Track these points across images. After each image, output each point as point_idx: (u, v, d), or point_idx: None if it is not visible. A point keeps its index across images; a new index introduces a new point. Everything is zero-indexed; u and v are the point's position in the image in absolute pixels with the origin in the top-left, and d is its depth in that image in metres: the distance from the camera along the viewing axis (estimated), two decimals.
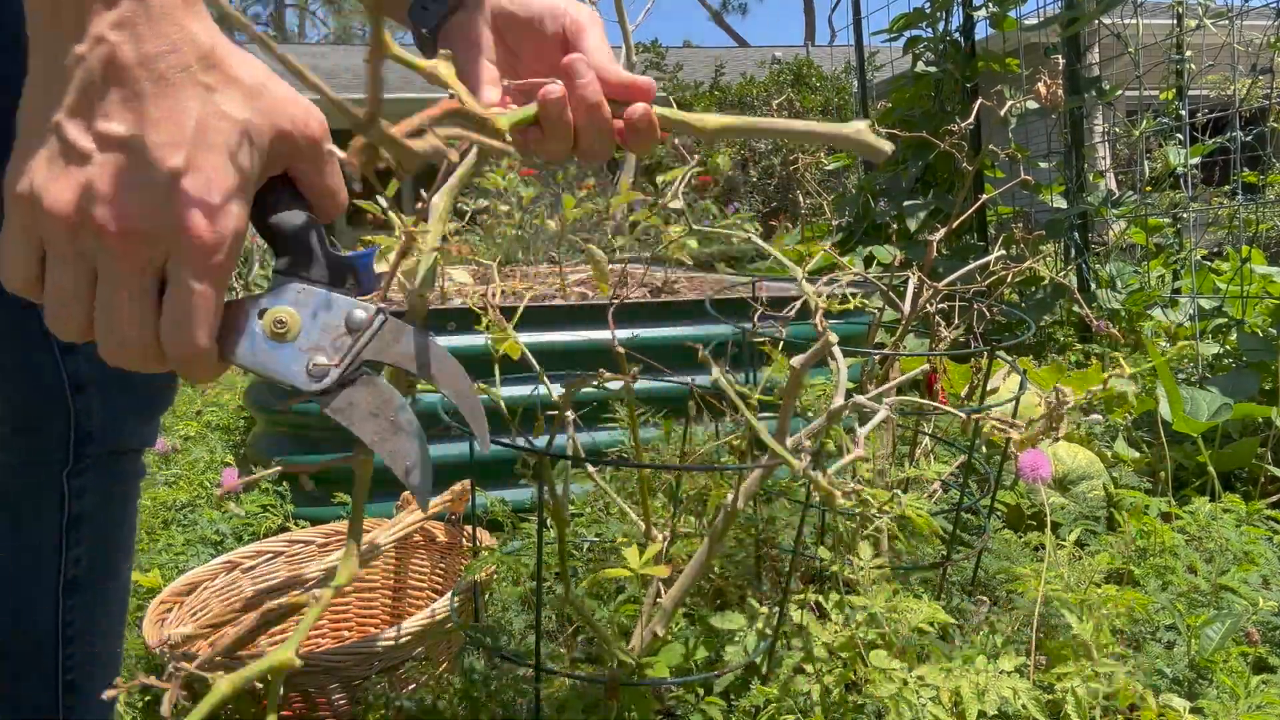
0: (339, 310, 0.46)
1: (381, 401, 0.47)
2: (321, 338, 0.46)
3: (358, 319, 0.46)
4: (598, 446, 1.67)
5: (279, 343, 0.45)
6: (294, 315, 0.45)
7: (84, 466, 0.71)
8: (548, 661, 1.03)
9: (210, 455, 2.17)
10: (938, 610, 1.00)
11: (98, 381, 0.70)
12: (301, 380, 0.45)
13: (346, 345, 0.46)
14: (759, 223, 8.07)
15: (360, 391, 0.47)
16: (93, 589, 0.74)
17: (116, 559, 0.77)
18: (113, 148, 0.39)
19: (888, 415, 0.87)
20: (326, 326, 0.46)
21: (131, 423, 0.75)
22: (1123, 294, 3.02)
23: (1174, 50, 3.07)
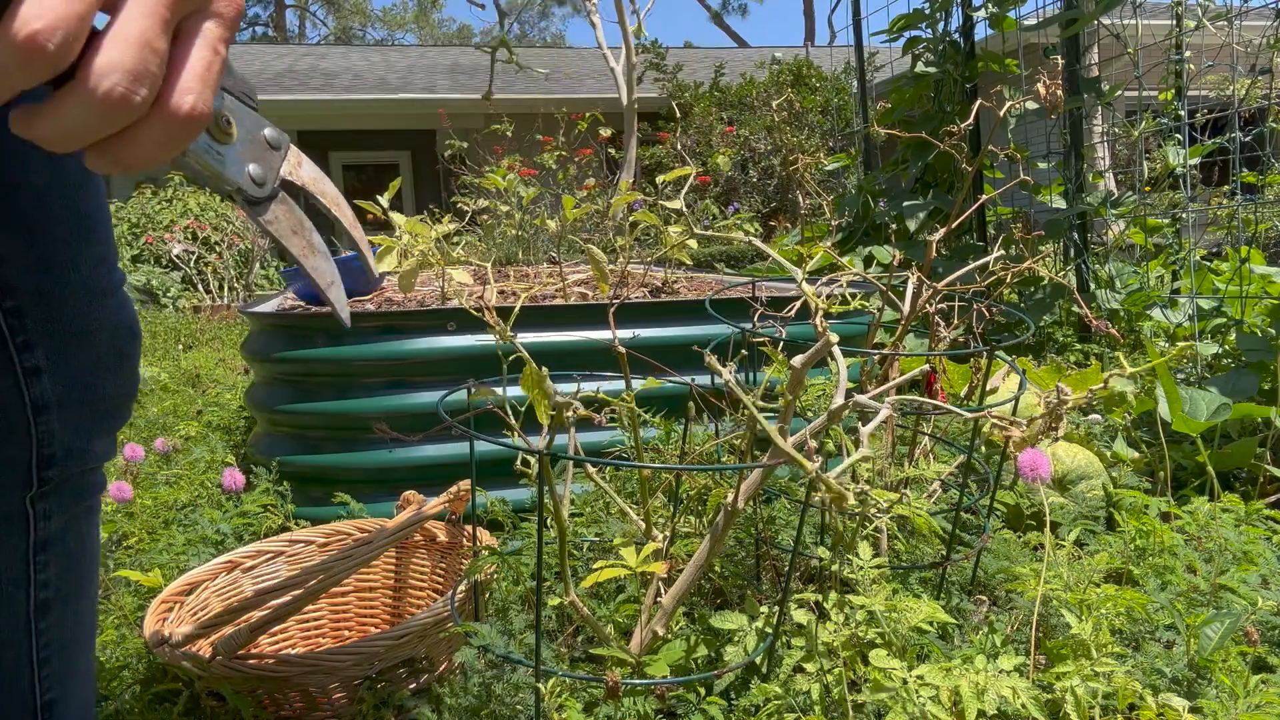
0: (258, 124, 0.47)
1: (298, 221, 0.49)
2: (253, 148, 0.46)
3: (272, 137, 0.47)
4: (598, 446, 1.68)
5: (222, 144, 0.45)
6: (233, 121, 0.45)
7: (48, 490, 0.70)
8: (548, 661, 1.03)
9: (211, 455, 2.17)
10: (937, 610, 1.00)
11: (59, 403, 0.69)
12: (247, 183, 0.46)
13: (271, 161, 0.47)
14: (759, 223, 8.07)
15: (281, 208, 0.48)
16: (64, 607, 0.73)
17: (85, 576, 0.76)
18: None
19: (889, 415, 0.88)
20: (254, 139, 0.47)
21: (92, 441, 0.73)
22: (1122, 294, 3.03)
23: (1173, 51, 3.07)
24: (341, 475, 1.77)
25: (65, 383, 0.69)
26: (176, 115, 0.39)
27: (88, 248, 0.70)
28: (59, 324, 0.68)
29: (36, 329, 0.67)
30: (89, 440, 0.72)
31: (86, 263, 0.70)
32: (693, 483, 1.31)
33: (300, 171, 0.49)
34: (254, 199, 0.47)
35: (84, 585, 0.76)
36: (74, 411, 0.70)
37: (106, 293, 0.72)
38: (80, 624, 0.75)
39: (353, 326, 1.77)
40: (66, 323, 0.69)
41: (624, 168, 8.07)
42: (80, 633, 0.76)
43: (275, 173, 0.47)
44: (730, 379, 0.89)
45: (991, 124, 1.93)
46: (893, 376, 1.43)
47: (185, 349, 5.02)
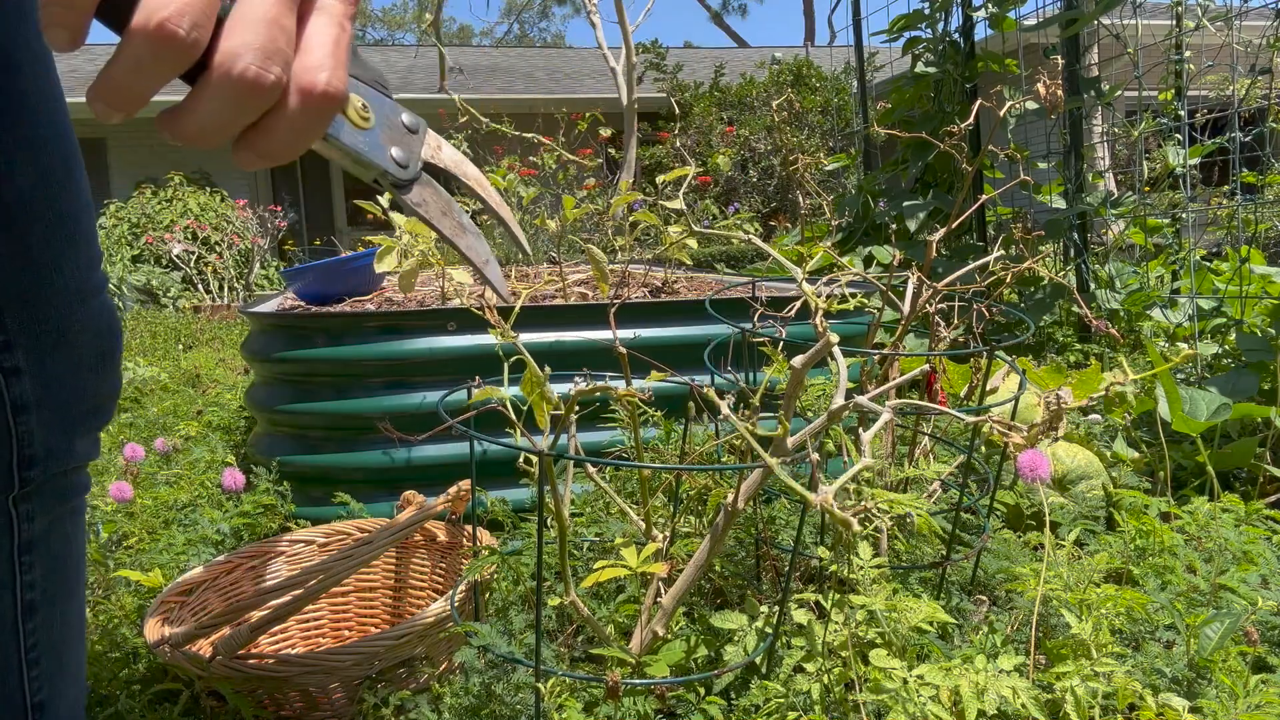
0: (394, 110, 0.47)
1: (445, 203, 0.49)
2: (392, 133, 0.46)
3: (409, 122, 0.48)
4: (599, 446, 1.68)
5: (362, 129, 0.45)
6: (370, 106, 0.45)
7: (30, 491, 0.70)
8: (548, 661, 1.03)
9: (211, 455, 2.17)
10: (937, 610, 1.00)
11: (39, 404, 0.68)
12: (391, 165, 0.46)
13: (410, 144, 0.47)
14: (759, 223, 8.07)
15: (428, 191, 0.48)
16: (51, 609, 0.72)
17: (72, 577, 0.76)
18: None
19: (890, 418, 0.88)
20: (392, 123, 0.47)
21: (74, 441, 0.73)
22: (1122, 294, 3.03)
23: (1173, 51, 3.07)
24: (341, 475, 1.77)
25: (46, 383, 0.69)
26: (312, 94, 0.38)
27: (70, 249, 0.70)
28: (40, 324, 0.68)
29: (17, 329, 0.67)
30: (71, 440, 0.72)
31: (69, 264, 0.70)
32: (693, 483, 1.31)
33: (441, 154, 0.49)
34: (399, 182, 0.47)
35: (71, 586, 0.75)
36: (55, 412, 0.70)
37: (89, 294, 0.72)
38: (68, 625, 0.75)
39: (353, 327, 1.77)
40: (48, 323, 0.68)
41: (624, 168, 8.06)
42: (69, 634, 0.75)
43: (417, 156, 0.47)
44: (731, 415, 0.89)
45: (991, 124, 1.93)
46: (893, 376, 1.43)
47: (185, 349, 5.02)
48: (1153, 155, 3.87)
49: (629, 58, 8.83)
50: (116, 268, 7.39)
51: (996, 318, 1.53)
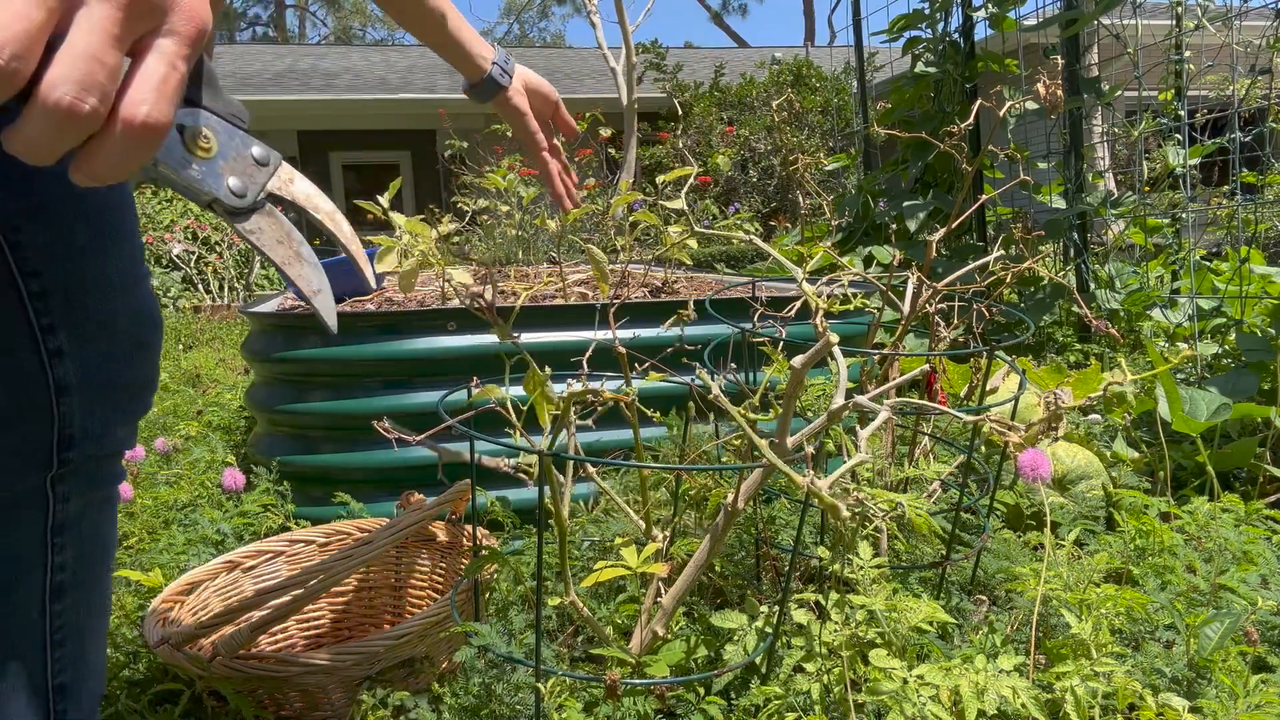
0: (244, 144, 0.51)
1: (284, 232, 0.53)
2: (235, 163, 0.50)
3: (259, 154, 0.51)
4: (601, 446, 1.68)
5: (201, 158, 0.49)
6: (212, 138, 0.49)
7: (67, 472, 0.71)
8: (548, 661, 1.03)
9: (211, 455, 2.17)
10: (937, 609, 1.00)
11: (81, 386, 0.71)
12: (224, 194, 0.49)
13: (256, 176, 0.51)
14: (759, 223, 8.07)
15: (265, 220, 0.52)
16: (78, 593, 0.74)
17: (100, 563, 0.78)
18: None
19: (888, 417, 0.88)
20: (239, 155, 0.50)
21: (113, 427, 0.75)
22: (1122, 294, 3.03)
23: (1173, 51, 3.07)
24: (341, 475, 1.77)
25: (86, 367, 0.71)
26: (131, 124, 0.41)
27: (113, 240, 0.73)
28: (82, 310, 0.70)
29: (61, 313, 0.69)
30: (107, 426, 0.74)
31: (112, 254, 0.73)
32: (693, 483, 1.31)
33: (292, 187, 0.53)
34: (233, 209, 0.50)
35: (98, 574, 0.77)
36: (94, 396, 0.72)
37: (131, 285, 0.75)
38: (92, 614, 0.77)
39: (353, 326, 1.77)
40: (89, 309, 0.71)
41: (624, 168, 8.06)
42: (93, 623, 0.77)
43: (259, 187, 0.51)
44: (721, 396, 0.89)
45: (991, 124, 1.93)
46: (893, 376, 1.43)
47: (185, 349, 5.02)
48: (1153, 155, 3.87)
49: (629, 58, 8.83)
50: None
51: (996, 318, 1.53)
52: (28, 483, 0.69)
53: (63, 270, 0.69)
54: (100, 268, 0.71)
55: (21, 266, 0.66)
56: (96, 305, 0.71)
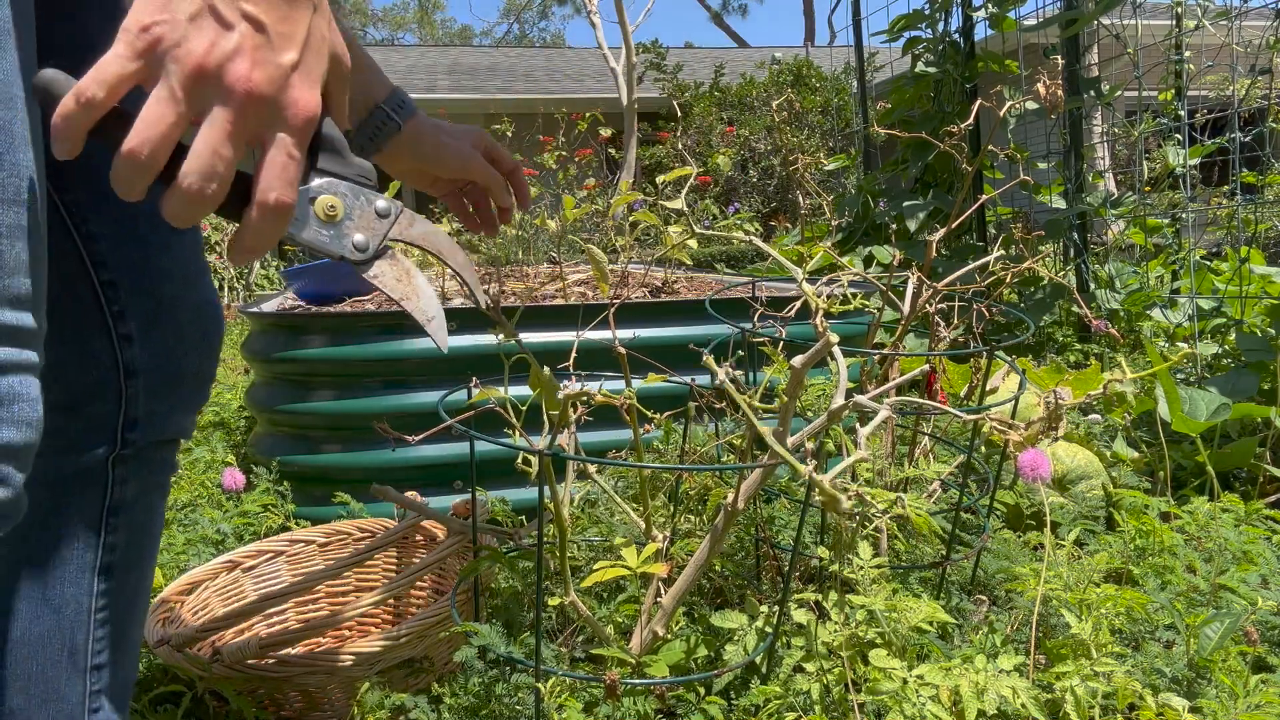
0: (369, 201, 0.59)
1: (403, 271, 0.62)
2: (360, 221, 0.59)
3: (382, 208, 0.60)
4: (599, 446, 1.68)
5: (329, 223, 0.58)
6: (339, 204, 0.58)
7: (128, 454, 0.75)
8: (548, 661, 1.03)
9: (211, 455, 2.17)
10: (937, 609, 1.00)
11: (148, 370, 0.75)
12: (350, 253, 0.59)
13: (378, 228, 0.59)
14: (759, 223, 8.07)
15: (386, 264, 0.61)
16: (124, 575, 0.77)
17: (148, 549, 0.80)
18: (254, 28, 0.48)
19: (888, 415, 0.88)
20: (363, 213, 0.59)
21: (175, 413, 0.79)
22: (1122, 294, 3.03)
23: (1173, 51, 3.07)
24: (341, 475, 1.77)
25: (153, 353, 0.76)
26: (265, 207, 0.51)
27: (175, 233, 0.77)
28: (149, 299, 0.75)
29: (129, 301, 0.74)
30: (169, 411, 0.78)
31: (175, 246, 0.77)
32: (693, 483, 1.31)
33: (411, 230, 0.62)
34: (357, 262, 0.60)
35: (145, 560, 0.80)
36: (159, 381, 0.76)
37: (193, 276, 0.79)
38: (135, 601, 0.79)
39: (353, 327, 1.77)
40: (156, 298, 0.75)
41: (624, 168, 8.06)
42: (134, 609, 0.79)
43: (381, 238, 0.60)
44: (726, 381, 0.89)
45: (991, 124, 1.93)
46: (893, 376, 1.43)
47: None
48: (1153, 155, 3.87)
49: (629, 58, 8.83)
50: None
51: (996, 318, 1.53)
52: (92, 458, 0.73)
53: (129, 260, 0.73)
54: (162, 258, 0.76)
55: (93, 257, 0.72)
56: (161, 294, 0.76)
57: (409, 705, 1.04)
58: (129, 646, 0.79)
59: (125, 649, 0.78)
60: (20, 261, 0.53)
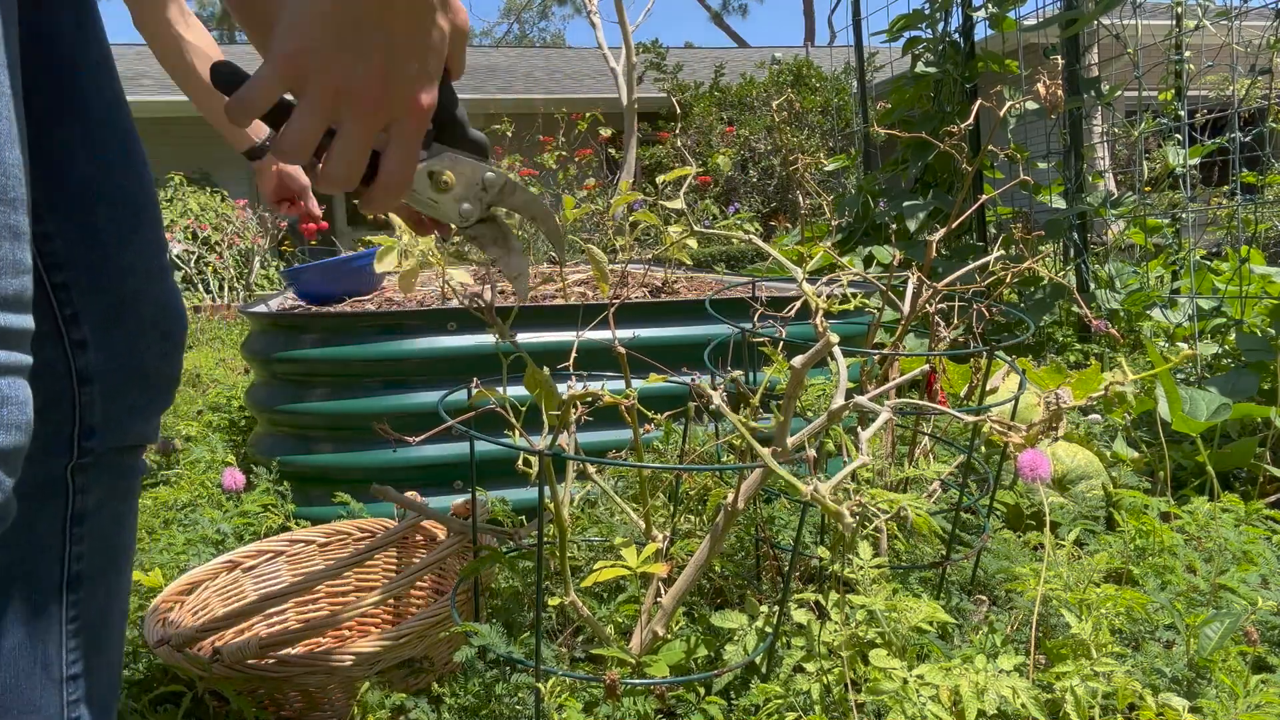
0: (479, 173, 0.67)
1: (500, 233, 0.70)
2: (467, 191, 0.66)
3: (490, 179, 0.67)
4: (599, 446, 1.68)
5: (443, 193, 0.65)
6: (452, 176, 0.65)
7: (87, 462, 0.73)
8: (548, 661, 1.03)
9: (211, 455, 2.17)
10: (937, 609, 1.00)
11: (105, 373, 0.73)
12: (455, 217, 0.67)
13: (482, 197, 0.67)
14: (759, 223, 8.07)
15: (487, 226, 0.69)
16: (94, 585, 0.75)
17: (120, 555, 0.78)
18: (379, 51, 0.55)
19: (889, 417, 0.88)
20: (470, 183, 0.66)
21: (133, 418, 0.76)
22: (1122, 294, 3.02)
23: (1173, 51, 3.07)
24: (341, 475, 1.77)
25: (109, 357, 0.74)
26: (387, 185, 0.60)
27: (134, 231, 0.76)
28: (105, 300, 0.73)
29: (84, 303, 0.72)
30: (129, 416, 0.76)
31: (134, 244, 0.76)
32: (693, 483, 1.31)
33: (513, 199, 0.69)
34: (463, 227, 0.68)
35: (119, 567, 0.78)
36: (116, 386, 0.74)
37: (154, 275, 0.77)
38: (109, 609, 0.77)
39: (353, 327, 1.77)
40: (113, 299, 0.74)
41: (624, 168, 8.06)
42: (110, 617, 0.78)
43: (484, 205, 0.67)
44: (723, 405, 0.89)
45: (991, 124, 1.93)
46: (893, 376, 1.43)
47: (185, 349, 5.01)
48: (1153, 155, 3.87)
49: (629, 58, 8.83)
50: None
51: (996, 318, 1.53)
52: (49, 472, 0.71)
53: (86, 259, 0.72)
54: (123, 255, 0.74)
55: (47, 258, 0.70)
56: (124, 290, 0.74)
57: (409, 705, 1.04)
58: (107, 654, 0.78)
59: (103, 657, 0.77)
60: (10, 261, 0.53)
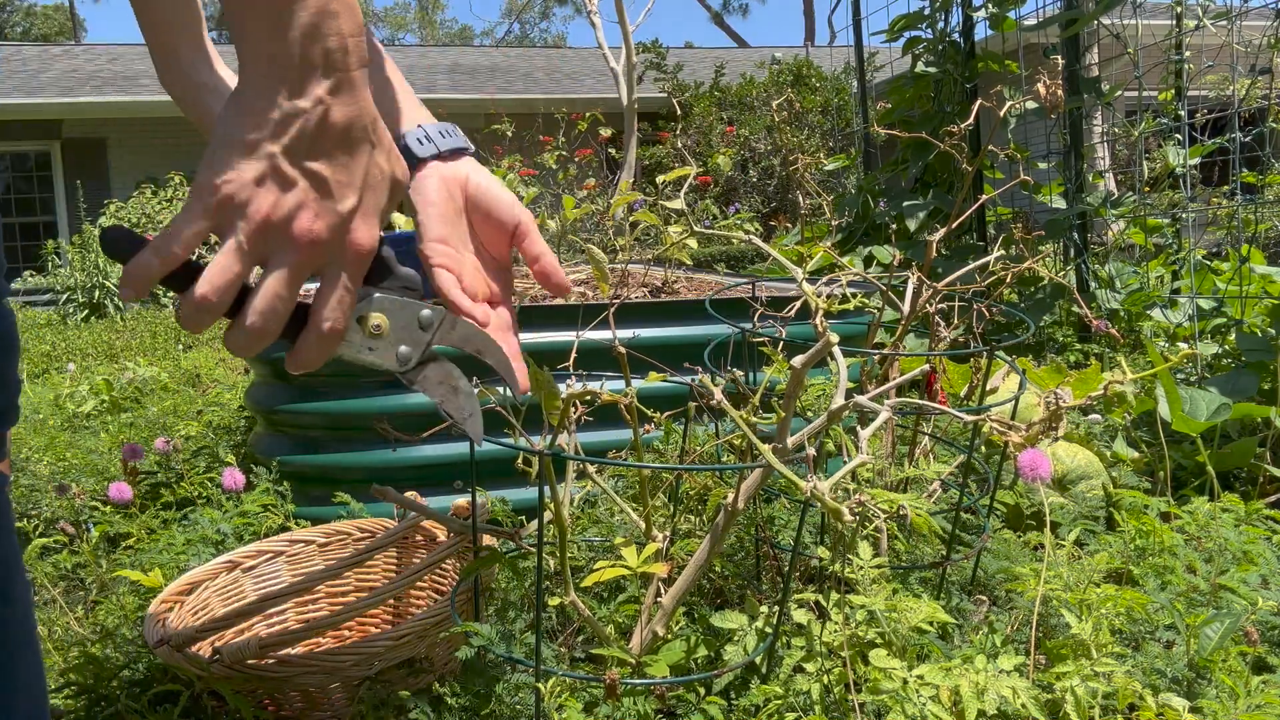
0: (413, 312, 0.63)
1: (445, 373, 0.67)
2: (404, 334, 0.63)
3: (426, 318, 0.64)
4: (599, 446, 1.67)
5: (376, 339, 0.62)
6: (385, 320, 0.62)
7: None
8: (548, 661, 1.03)
9: (211, 455, 2.17)
10: (937, 610, 1.00)
11: None
12: (394, 366, 0.63)
13: (420, 338, 0.64)
14: (759, 223, 8.07)
15: (430, 368, 0.66)
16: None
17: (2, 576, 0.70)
18: (313, 183, 0.53)
19: (889, 417, 0.88)
20: (407, 325, 0.63)
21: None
22: (1122, 294, 3.02)
23: (1173, 51, 3.07)
24: (341, 475, 1.77)
25: None
26: (320, 332, 0.57)
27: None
28: None
29: None
30: None
31: None
32: (693, 483, 1.31)
33: (452, 335, 0.67)
34: (401, 373, 0.65)
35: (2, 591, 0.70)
36: None
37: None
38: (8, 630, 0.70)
39: None
40: None
41: (624, 168, 8.06)
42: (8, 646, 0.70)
43: (423, 348, 0.64)
44: (724, 401, 0.89)
45: (991, 124, 1.93)
46: (893, 376, 1.43)
47: (185, 349, 5.02)
48: (1153, 155, 3.87)
49: (629, 58, 8.83)
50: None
51: (996, 318, 1.53)
52: None
53: None
54: None
55: None
56: None
57: (409, 705, 1.04)
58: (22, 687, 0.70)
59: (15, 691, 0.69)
60: None
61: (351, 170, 0.55)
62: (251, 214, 0.52)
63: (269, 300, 0.54)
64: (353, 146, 0.55)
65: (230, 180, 0.52)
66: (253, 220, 0.52)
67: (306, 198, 0.53)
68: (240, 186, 0.52)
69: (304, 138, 0.53)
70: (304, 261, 0.54)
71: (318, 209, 0.54)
